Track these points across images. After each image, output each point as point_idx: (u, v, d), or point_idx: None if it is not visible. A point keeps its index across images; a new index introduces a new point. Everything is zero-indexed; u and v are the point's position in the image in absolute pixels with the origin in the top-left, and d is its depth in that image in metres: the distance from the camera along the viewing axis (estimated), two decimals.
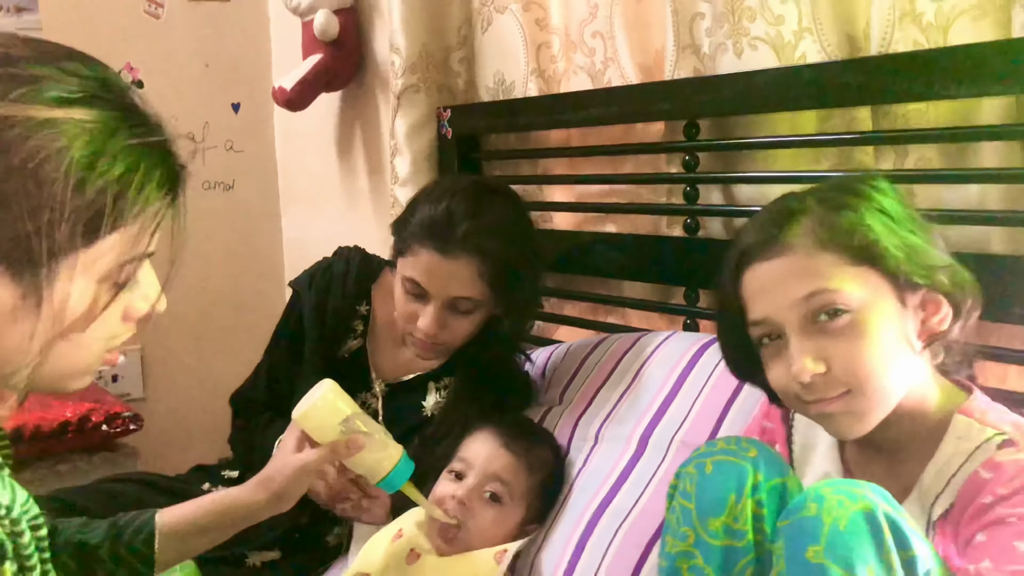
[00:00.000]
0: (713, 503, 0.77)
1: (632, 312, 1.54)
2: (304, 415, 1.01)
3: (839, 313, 0.79)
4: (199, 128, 2.34)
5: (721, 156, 1.38)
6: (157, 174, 0.67)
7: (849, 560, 0.67)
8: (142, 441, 1.92)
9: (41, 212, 0.60)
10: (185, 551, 0.96)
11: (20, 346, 0.63)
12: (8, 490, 0.64)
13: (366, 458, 1.02)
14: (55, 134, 0.61)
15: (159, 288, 0.74)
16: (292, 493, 0.99)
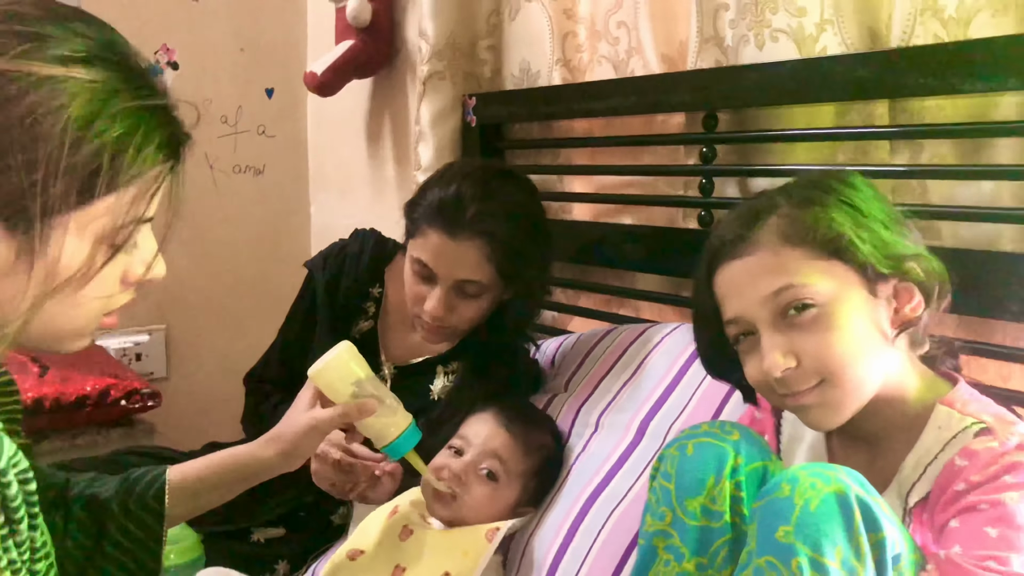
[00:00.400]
0: (692, 484, 0.78)
1: (644, 304, 1.53)
2: (319, 373, 1.02)
3: (807, 307, 0.80)
4: (232, 112, 2.38)
5: (738, 149, 1.37)
6: (156, 138, 0.68)
7: (817, 540, 0.67)
8: (161, 418, 1.95)
9: (36, 168, 0.62)
10: (195, 506, 0.97)
11: (12, 300, 0.65)
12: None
13: (375, 423, 1.02)
14: (55, 91, 0.62)
15: (156, 251, 0.75)
16: (302, 451, 0.99)
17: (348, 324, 1.45)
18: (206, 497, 0.97)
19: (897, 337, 0.82)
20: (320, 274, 1.47)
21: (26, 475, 0.69)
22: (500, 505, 1.11)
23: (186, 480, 0.95)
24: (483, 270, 1.25)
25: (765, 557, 0.69)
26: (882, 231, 0.80)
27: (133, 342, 2.23)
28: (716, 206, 1.37)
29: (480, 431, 1.14)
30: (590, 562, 1.04)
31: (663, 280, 1.50)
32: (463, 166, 1.37)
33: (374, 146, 2.26)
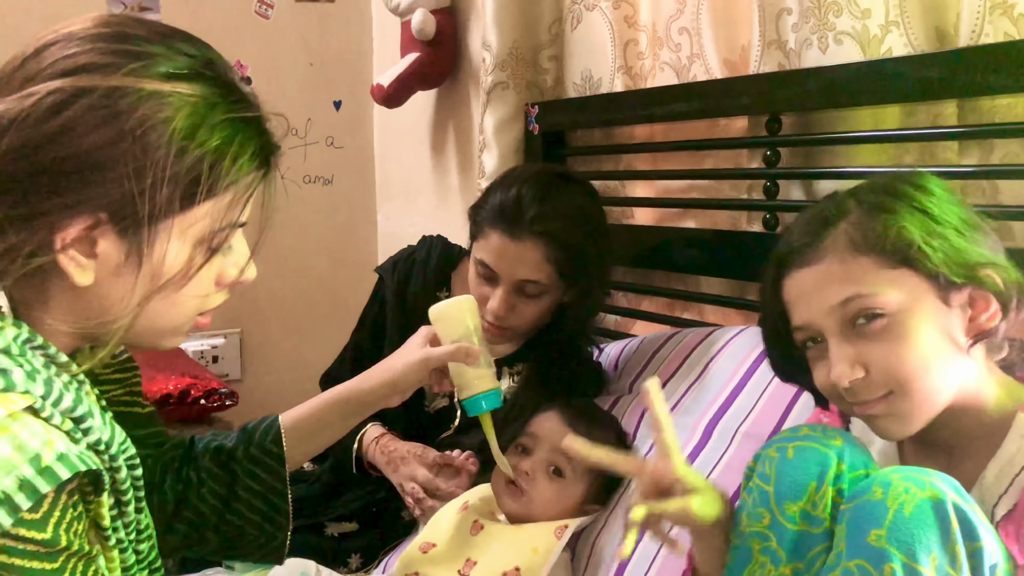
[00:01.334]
0: (792, 488, 0.76)
1: (708, 308, 1.53)
2: (440, 312, 1.11)
3: (876, 317, 0.78)
4: (302, 124, 2.45)
5: (802, 152, 1.37)
6: (251, 147, 0.73)
7: (911, 546, 0.66)
8: (237, 417, 2.02)
9: (145, 175, 0.67)
10: (312, 446, 1.05)
11: (121, 299, 0.70)
12: (108, 428, 0.71)
13: (468, 372, 1.08)
14: (162, 105, 0.67)
15: (248, 255, 0.80)
16: (409, 382, 1.06)
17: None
18: (321, 435, 1.05)
19: (973, 347, 0.79)
20: (390, 279, 1.51)
21: (133, 461, 0.74)
22: (567, 502, 1.14)
23: (299, 422, 1.03)
24: (543, 270, 1.28)
25: (856, 560, 0.68)
26: (955, 238, 0.78)
27: (210, 345, 2.32)
28: (781, 209, 1.37)
29: (546, 429, 1.16)
30: (659, 562, 1.05)
31: (727, 283, 1.51)
32: (524, 170, 1.40)
33: (438, 155, 2.31)
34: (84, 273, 0.68)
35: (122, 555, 0.73)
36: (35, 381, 0.65)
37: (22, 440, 0.62)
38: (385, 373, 1.06)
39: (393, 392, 1.06)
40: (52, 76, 0.66)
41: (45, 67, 0.67)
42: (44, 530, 0.62)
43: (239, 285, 0.80)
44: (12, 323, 0.67)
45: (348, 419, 1.06)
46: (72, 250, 0.67)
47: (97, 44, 0.68)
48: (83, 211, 0.66)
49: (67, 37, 0.68)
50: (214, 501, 0.99)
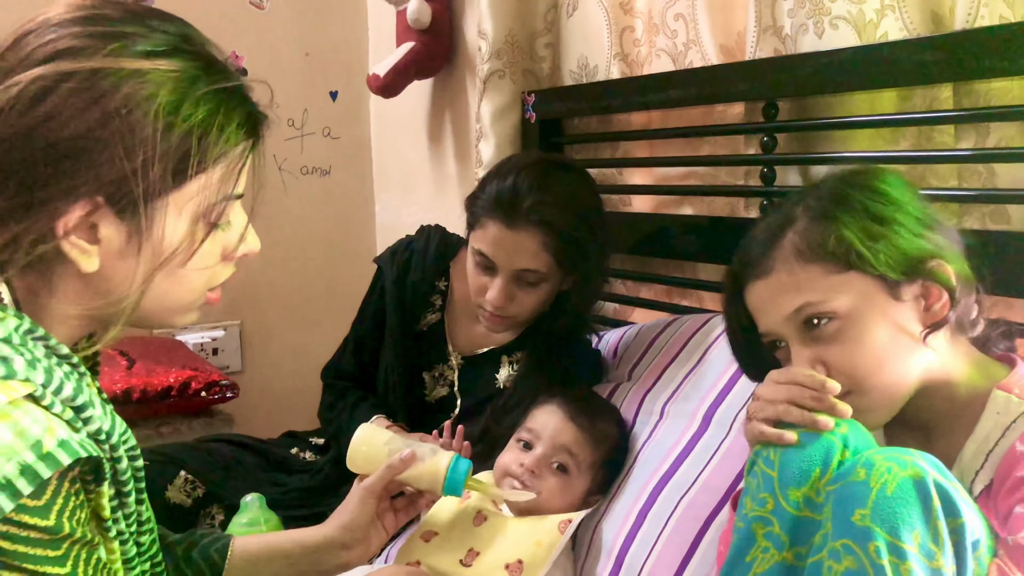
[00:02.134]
0: (796, 474, 0.77)
1: (707, 295, 1.54)
2: (351, 456, 1.05)
3: (828, 321, 0.82)
4: (299, 115, 2.45)
5: (799, 137, 1.37)
6: (236, 117, 0.73)
7: (894, 524, 0.68)
8: (238, 409, 2.03)
9: (135, 154, 0.67)
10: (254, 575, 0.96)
11: (126, 280, 0.71)
12: (109, 418, 0.71)
13: (422, 472, 1.03)
14: (144, 83, 0.68)
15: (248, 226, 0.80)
16: (360, 521, 0.99)
17: (416, 317, 1.49)
18: (266, 568, 0.96)
19: (929, 335, 0.82)
20: (389, 269, 1.51)
21: (134, 452, 0.75)
22: (572, 496, 1.14)
23: (249, 547, 0.96)
24: (541, 259, 1.28)
25: (841, 540, 0.70)
26: (900, 236, 0.81)
27: (210, 337, 2.32)
28: (778, 195, 1.37)
29: (548, 424, 1.16)
30: (659, 548, 1.06)
31: (724, 270, 1.50)
32: (520, 159, 1.40)
33: (435, 145, 2.31)
34: (89, 259, 0.69)
35: (123, 547, 0.73)
36: (36, 369, 0.65)
37: (23, 426, 0.63)
38: (336, 518, 1.00)
39: (350, 534, 0.98)
40: (32, 64, 0.66)
41: (24, 56, 0.67)
42: (47, 517, 0.63)
43: (245, 258, 0.80)
44: (14, 314, 0.68)
45: (294, 566, 0.97)
46: (74, 236, 0.68)
47: (73, 28, 0.68)
48: (80, 196, 0.67)
49: (43, 24, 0.69)
50: None
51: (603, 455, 1.17)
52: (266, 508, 1.29)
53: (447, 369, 1.47)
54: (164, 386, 1.83)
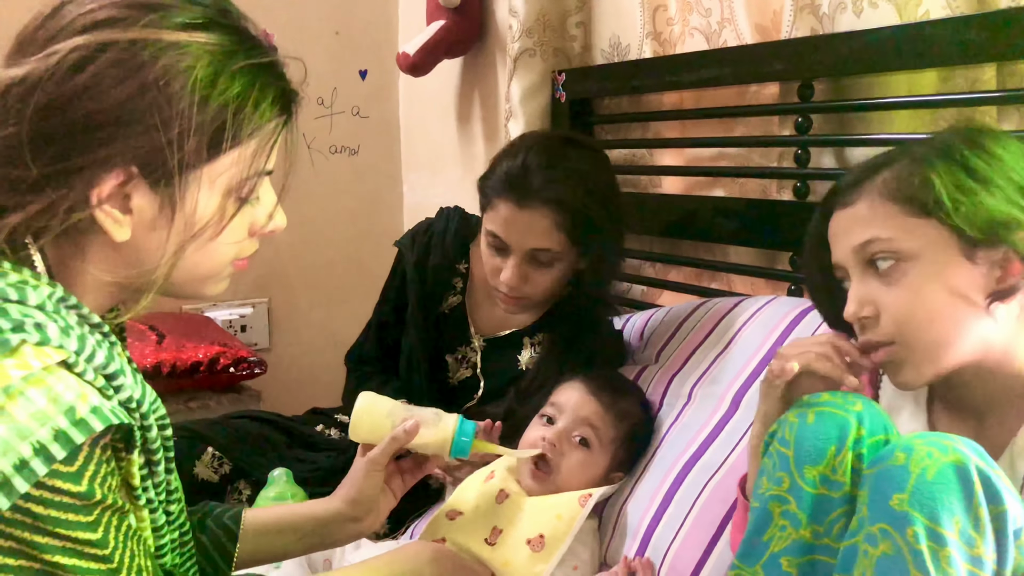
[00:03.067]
0: (812, 452, 0.76)
1: (736, 278, 1.52)
2: (354, 427, 1.02)
3: (890, 261, 0.80)
4: (328, 94, 2.45)
5: (835, 118, 1.34)
6: (271, 93, 0.73)
7: (934, 510, 0.66)
8: (266, 385, 2.05)
9: (171, 126, 0.67)
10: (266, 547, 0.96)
11: (157, 251, 0.71)
12: (139, 386, 0.72)
13: (427, 437, 1.01)
14: (181, 55, 0.68)
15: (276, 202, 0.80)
16: (367, 493, 0.98)
17: (437, 300, 1.49)
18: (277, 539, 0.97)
19: (993, 303, 0.79)
20: (409, 252, 1.51)
21: (163, 421, 0.75)
22: (593, 471, 1.14)
23: (259, 519, 0.96)
24: (553, 238, 1.27)
25: (878, 524, 0.68)
26: (990, 197, 0.77)
27: (239, 314, 2.34)
28: (812, 177, 1.35)
29: (571, 399, 1.16)
30: (685, 530, 1.05)
31: (756, 253, 1.49)
32: (530, 137, 1.39)
33: (464, 125, 2.30)
34: (121, 228, 0.69)
35: (152, 515, 0.74)
36: (69, 337, 0.66)
37: (57, 392, 0.63)
38: (343, 489, 0.99)
39: (356, 508, 0.98)
40: (72, 33, 0.66)
41: (65, 25, 0.67)
42: (79, 483, 0.64)
43: (271, 234, 0.80)
44: (47, 282, 0.68)
45: (310, 538, 0.98)
46: (107, 205, 0.68)
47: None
48: (115, 165, 0.67)
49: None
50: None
51: (625, 432, 1.17)
52: (293, 483, 1.30)
53: (470, 351, 1.47)
54: (193, 361, 1.85)
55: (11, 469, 0.60)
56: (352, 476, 1.00)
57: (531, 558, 1.05)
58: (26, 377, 0.62)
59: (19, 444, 0.60)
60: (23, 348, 0.63)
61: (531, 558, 1.05)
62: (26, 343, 0.63)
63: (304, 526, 0.98)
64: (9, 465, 0.60)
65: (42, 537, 0.62)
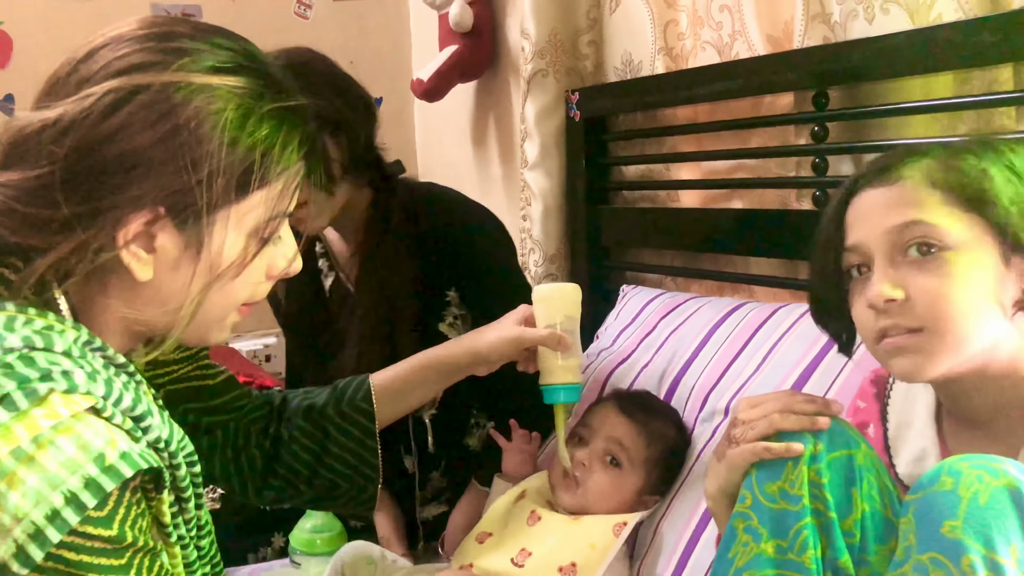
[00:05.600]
0: (770, 469, 0.78)
1: (759, 289, 1.51)
2: (542, 294, 1.11)
3: (931, 249, 0.77)
4: None
5: (851, 126, 1.33)
6: (297, 136, 0.74)
7: (990, 537, 0.64)
8: None
9: (201, 166, 0.68)
10: (399, 407, 1.10)
11: (177, 291, 0.72)
12: (167, 426, 0.72)
13: (556, 360, 1.09)
14: (212, 98, 0.69)
15: (295, 247, 0.81)
16: (497, 356, 1.10)
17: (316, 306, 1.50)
18: (409, 396, 1.10)
19: (1016, 315, 0.78)
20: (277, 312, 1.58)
21: (191, 458, 0.75)
22: (624, 493, 1.13)
23: (389, 383, 1.08)
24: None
25: (929, 554, 0.66)
26: None
27: (262, 344, 2.35)
28: (831, 185, 1.34)
29: (602, 419, 1.16)
30: None
31: (777, 264, 1.48)
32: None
33: (480, 147, 2.31)
34: (144, 268, 0.70)
35: (184, 551, 0.74)
36: (96, 382, 0.66)
37: (86, 439, 0.63)
38: (476, 343, 1.09)
39: (480, 363, 1.09)
40: (107, 76, 0.68)
41: (99, 69, 0.68)
42: (110, 527, 0.64)
43: (285, 275, 0.80)
44: (72, 326, 0.69)
45: (435, 384, 1.11)
46: (133, 245, 0.69)
47: (146, 44, 0.69)
48: (144, 205, 0.68)
49: (116, 39, 0.70)
50: (307, 457, 1.05)
51: (658, 452, 1.16)
52: (331, 515, 1.31)
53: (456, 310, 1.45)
54: None
55: (43, 520, 0.60)
56: (496, 332, 1.09)
57: None
58: (55, 426, 0.63)
59: (51, 494, 0.61)
60: (52, 397, 0.64)
61: None
62: (54, 391, 0.64)
63: (429, 377, 1.10)
64: (42, 516, 0.60)
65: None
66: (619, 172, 1.81)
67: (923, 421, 0.88)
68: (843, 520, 0.77)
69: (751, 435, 0.80)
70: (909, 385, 0.91)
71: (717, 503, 0.86)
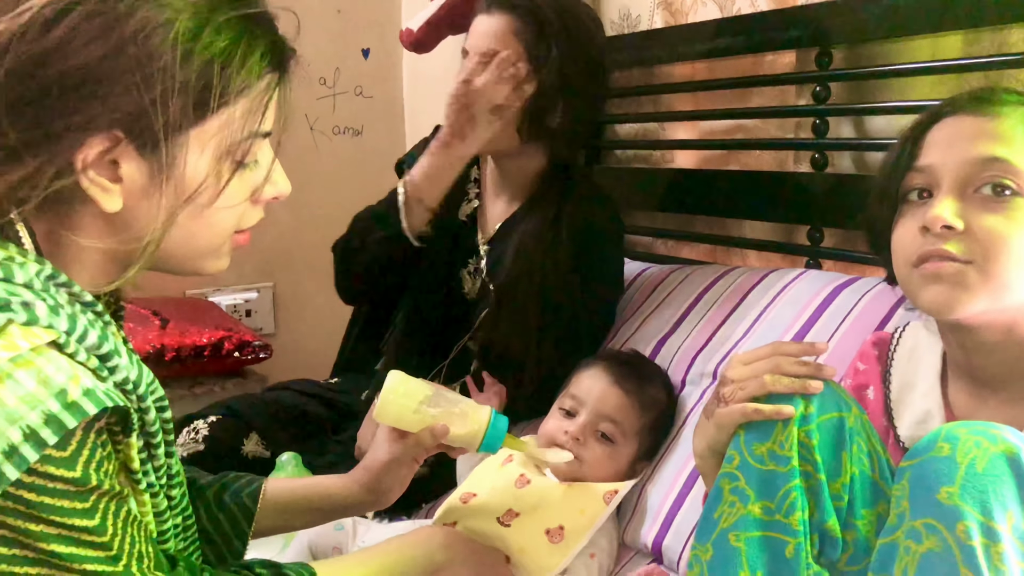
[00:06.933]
0: (759, 430, 0.76)
1: (752, 253, 1.48)
2: (379, 413, 0.98)
3: (1005, 191, 0.75)
4: (330, 74, 2.40)
5: (854, 86, 1.30)
6: (260, 47, 0.69)
7: (987, 503, 0.62)
8: (271, 370, 2.02)
9: (153, 84, 0.63)
10: (282, 523, 0.97)
11: (150, 220, 0.67)
12: (136, 367, 0.69)
13: (456, 434, 0.98)
14: (160, 7, 0.64)
15: (283, 172, 0.76)
16: (389, 486, 0.97)
17: (454, 210, 1.47)
18: (295, 519, 0.97)
19: None
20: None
21: (162, 403, 0.72)
22: (618, 464, 1.11)
23: (279, 497, 0.95)
24: (508, 42, 1.28)
25: (923, 519, 0.65)
26: None
27: (243, 299, 2.31)
28: (831, 147, 1.31)
29: (591, 389, 1.12)
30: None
31: (772, 228, 1.45)
32: None
33: None
34: (110, 198, 0.66)
35: (153, 500, 0.71)
36: (59, 316, 0.63)
37: (47, 374, 0.60)
38: (364, 480, 0.97)
39: (379, 498, 0.97)
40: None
41: None
42: (73, 468, 0.61)
43: (275, 201, 0.76)
44: (35, 259, 0.65)
45: (332, 515, 1.00)
46: (93, 172, 0.65)
47: None
48: (98, 128, 0.63)
49: None
50: None
51: (650, 421, 1.13)
52: (302, 467, 1.28)
53: (479, 259, 1.43)
54: (197, 346, 1.82)
55: (0, 456, 0.57)
56: (373, 464, 0.97)
57: (548, 549, 1.02)
58: (14, 359, 0.59)
59: (8, 429, 0.57)
60: (10, 328, 0.60)
61: (548, 549, 1.02)
62: (13, 323, 0.60)
63: (322, 505, 0.97)
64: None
65: (36, 525, 0.59)
66: (612, 130, 1.76)
67: (928, 383, 0.86)
68: (832, 483, 0.75)
69: (741, 396, 0.78)
70: (913, 347, 0.90)
71: (705, 461, 0.84)
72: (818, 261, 1.32)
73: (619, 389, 1.11)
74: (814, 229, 1.33)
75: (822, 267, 1.32)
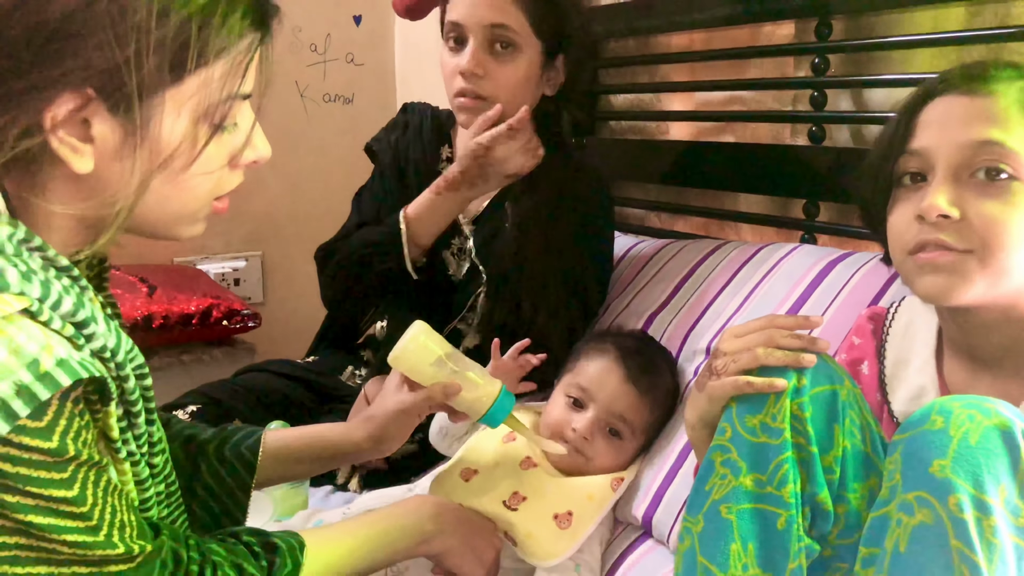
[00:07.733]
0: (752, 402, 0.75)
1: (746, 227, 1.47)
2: (396, 358, 0.97)
3: (1000, 175, 0.73)
4: (321, 40, 2.36)
5: (854, 58, 1.28)
6: (241, 4, 0.66)
7: (979, 477, 0.62)
8: (260, 339, 2.00)
9: (127, 41, 0.61)
10: (283, 473, 0.97)
11: (123, 183, 0.65)
12: (114, 335, 0.67)
13: (465, 397, 0.98)
14: None
15: (263, 135, 0.74)
16: (393, 435, 0.98)
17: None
18: (295, 467, 0.97)
19: None
20: (385, 153, 1.47)
21: (142, 370, 0.70)
22: (624, 457, 1.10)
23: (279, 447, 0.95)
24: (511, 14, 1.24)
25: (915, 492, 0.64)
26: None
27: (231, 267, 2.29)
28: (829, 120, 1.29)
29: (604, 385, 1.08)
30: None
31: (767, 201, 1.44)
32: None
33: None
34: (81, 159, 0.63)
35: (135, 468, 0.69)
36: (31, 282, 0.61)
37: (18, 344, 0.58)
38: (369, 426, 0.97)
39: (380, 446, 0.98)
40: None
41: None
42: (50, 439, 0.59)
43: (255, 165, 0.74)
44: (7, 221, 0.63)
45: (332, 463, 1.01)
46: (63, 132, 0.62)
47: None
48: (68, 85, 0.61)
49: None
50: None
51: (660, 415, 1.12)
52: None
53: (463, 241, 1.40)
54: (185, 313, 1.80)
55: None
56: (380, 413, 0.98)
57: (556, 534, 1.00)
58: None
59: None
60: None
61: (556, 534, 1.00)
62: None
63: (323, 454, 0.98)
64: None
65: (12, 496, 0.58)
66: (607, 101, 1.74)
67: (923, 359, 0.86)
68: (824, 455, 0.75)
69: (733, 368, 0.77)
70: (909, 322, 0.89)
71: (697, 432, 0.83)
72: (813, 235, 1.31)
73: (633, 388, 1.08)
74: (810, 203, 1.32)
75: (817, 241, 1.31)
